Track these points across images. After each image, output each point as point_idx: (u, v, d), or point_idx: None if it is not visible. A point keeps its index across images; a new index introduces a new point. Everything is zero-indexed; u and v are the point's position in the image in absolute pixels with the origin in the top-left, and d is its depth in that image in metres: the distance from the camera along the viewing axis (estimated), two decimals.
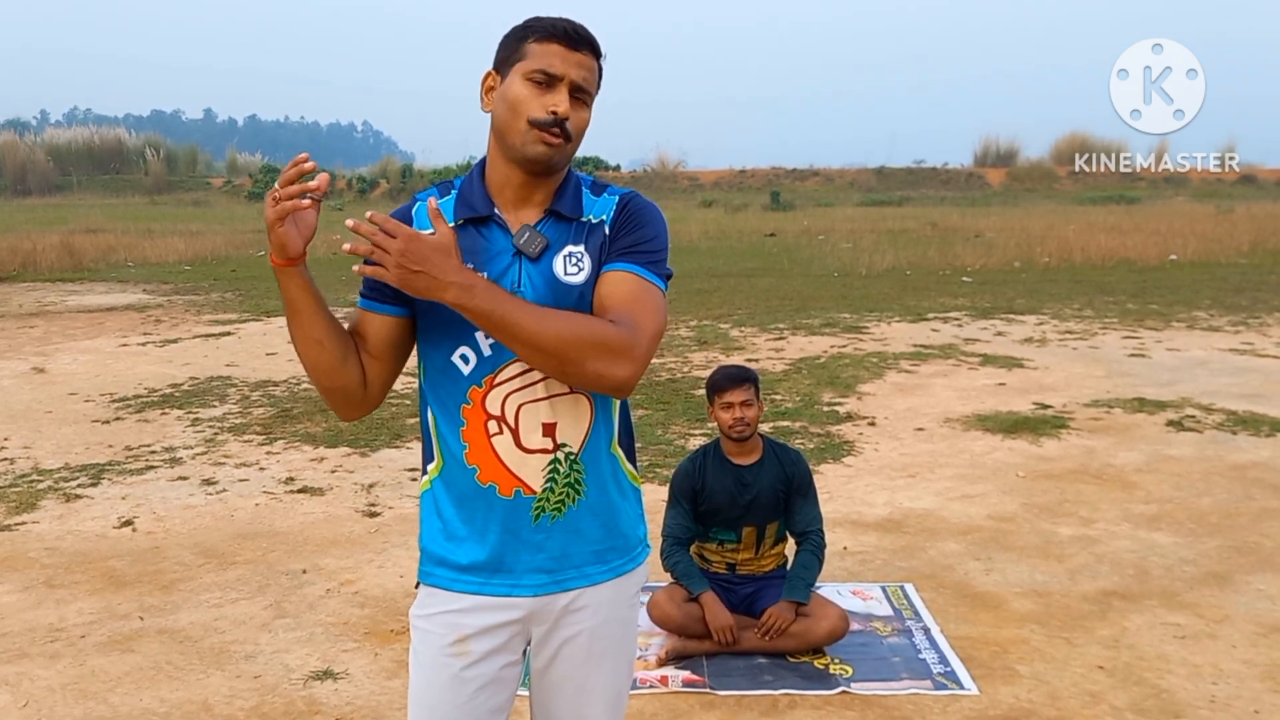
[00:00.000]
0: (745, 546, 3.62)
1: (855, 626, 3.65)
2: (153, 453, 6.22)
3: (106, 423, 7.00)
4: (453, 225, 1.70)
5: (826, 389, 7.68)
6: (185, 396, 7.77)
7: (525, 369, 1.69)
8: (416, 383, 1.83)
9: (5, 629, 3.80)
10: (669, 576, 3.61)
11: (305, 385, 8.15)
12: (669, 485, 3.67)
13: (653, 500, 4.39)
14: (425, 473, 1.80)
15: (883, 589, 4.07)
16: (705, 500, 3.56)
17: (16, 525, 4.94)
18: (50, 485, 5.57)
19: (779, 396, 7.40)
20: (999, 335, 10.24)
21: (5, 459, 6.15)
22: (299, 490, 5.43)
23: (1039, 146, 49.14)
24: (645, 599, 3.54)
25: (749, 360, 8.68)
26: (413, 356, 1.83)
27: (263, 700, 3.24)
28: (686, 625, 3.50)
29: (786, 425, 6.58)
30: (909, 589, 4.06)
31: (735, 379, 3.51)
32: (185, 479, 5.66)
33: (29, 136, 48.65)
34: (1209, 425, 6.51)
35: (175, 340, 10.50)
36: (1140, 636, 3.63)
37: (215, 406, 7.44)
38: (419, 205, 1.75)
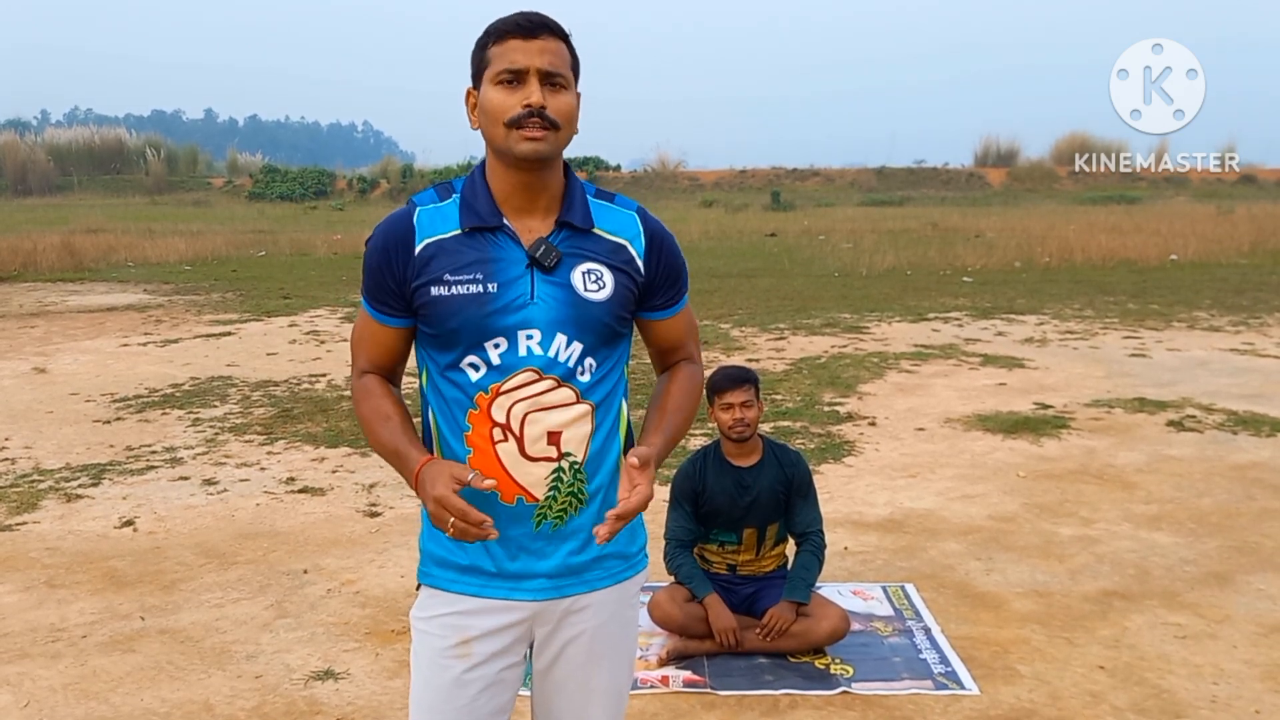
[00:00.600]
0: (746, 548, 3.62)
1: (856, 626, 3.65)
2: (153, 453, 6.22)
3: (107, 423, 7.01)
4: (458, 232, 1.70)
5: (827, 389, 7.68)
6: (186, 396, 7.78)
7: (533, 378, 1.69)
8: (416, 384, 1.83)
9: (6, 629, 3.80)
10: (669, 576, 3.62)
11: (306, 385, 8.15)
12: (670, 487, 3.66)
13: (653, 501, 4.40)
14: None
15: (883, 589, 4.07)
16: (706, 502, 3.56)
17: (17, 525, 4.94)
18: (51, 485, 5.57)
19: (779, 397, 7.40)
20: (1000, 335, 10.24)
21: (6, 459, 6.15)
22: (300, 490, 5.43)
23: (1039, 146, 49.12)
24: (646, 599, 3.54)
25: (749, 360, 8.68)
26: (411, 357, 1.83)
27: (264, 700, 3.24)
28: (688, 625, 3.50)
29: (787, 425, 6.58)
30: (910, 589, 4.06)
31: (735, 380, 3.50)
32: (186, 479, 5.66)
33: (29, 136, 48.62)
34: (1210, 425, 6.51)
35: (176, 340, 10.50)
36: (1141, 636, 3.63)
37: (216, 406, 7.44)
38: (419, 211, 1.73)
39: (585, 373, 1.72)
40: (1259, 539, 4.57)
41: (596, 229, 1.74)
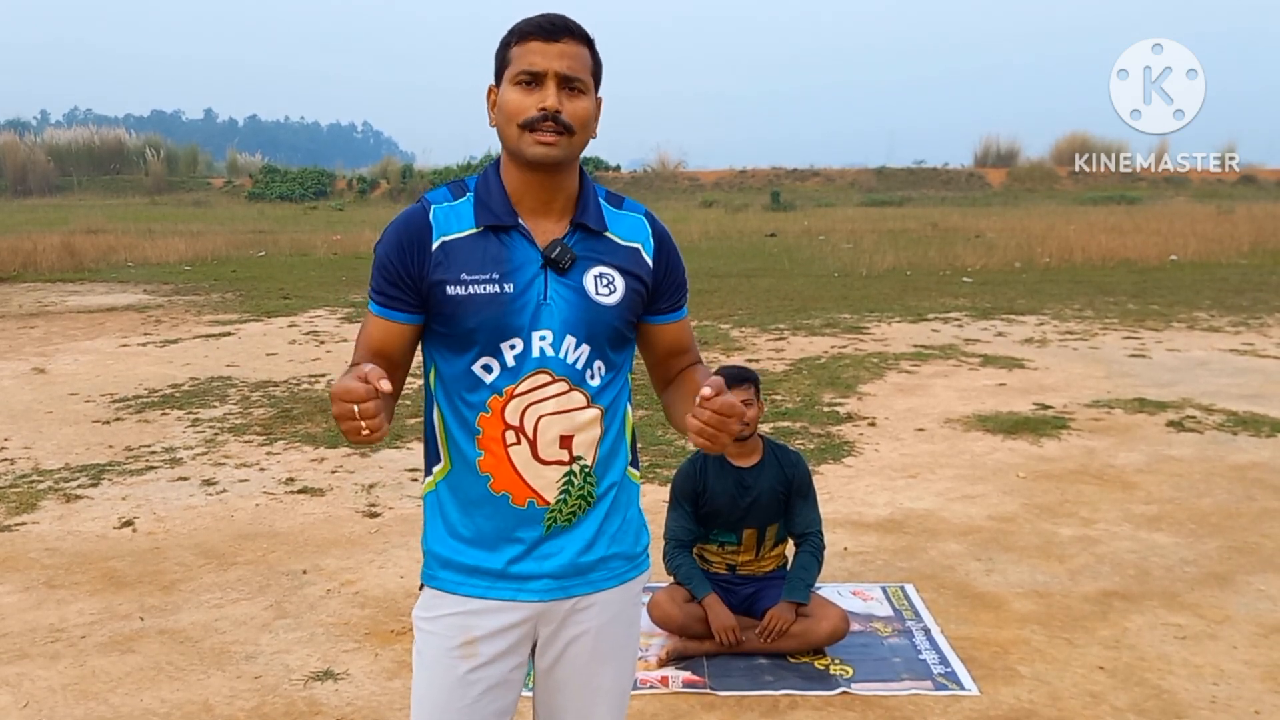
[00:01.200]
0: (746, 549, 3.62)
1: (856, 627, 3.65)
2: (153, 453, 6.22)
3: (107, 423, 7.00)
4: (474, 231, 1.70)
5: (827, 389, 7.68)
6: (185, 397, 7.77)
7: (547, 381, 1.68)
8: (417, 383, 1.83)
9: (6, 629, 3.80)
10: (669, 577, 3.61)
11: (305, 385, 8.15)
12: (670, 487, 3.66)
13: (653, 501, 4.40)
14: (430, 474, 1.79)
15: (883, 589, 4.07)
16: (706, 502, 3.56)
17: (17, 526, 4.94)
18: (50, 485, 5.57)
19: (779, 397, 7.40)
20: (999, 336, 10.24)
21: (5, 459, 6.15)
22: (299, 491, 5.43)
23: (1039, 146, 49.05)
24: (646, 599, 3.54)
25: (749, 361, 8.67)
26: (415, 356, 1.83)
27: (263, 701, 3.24)
28: (687, 626, 3.50)
29: (787, 426, 6.58)
30: (909, 589, 4.06)
31: (735, 379, 3.50)
32: (185, 479, 5.66)
33: (29, 137, 48.58)
34: (1209, 426, 6.51)
35: (175, 340, 10.50)
36: (1141, 637, 3.62)
37: (215, 407, 7.43)
38: (435, 209, 1.72)
39: (595, 376, 1.72)
40: (1259, 539, 4.57)
41: (609, 233, 1.75)
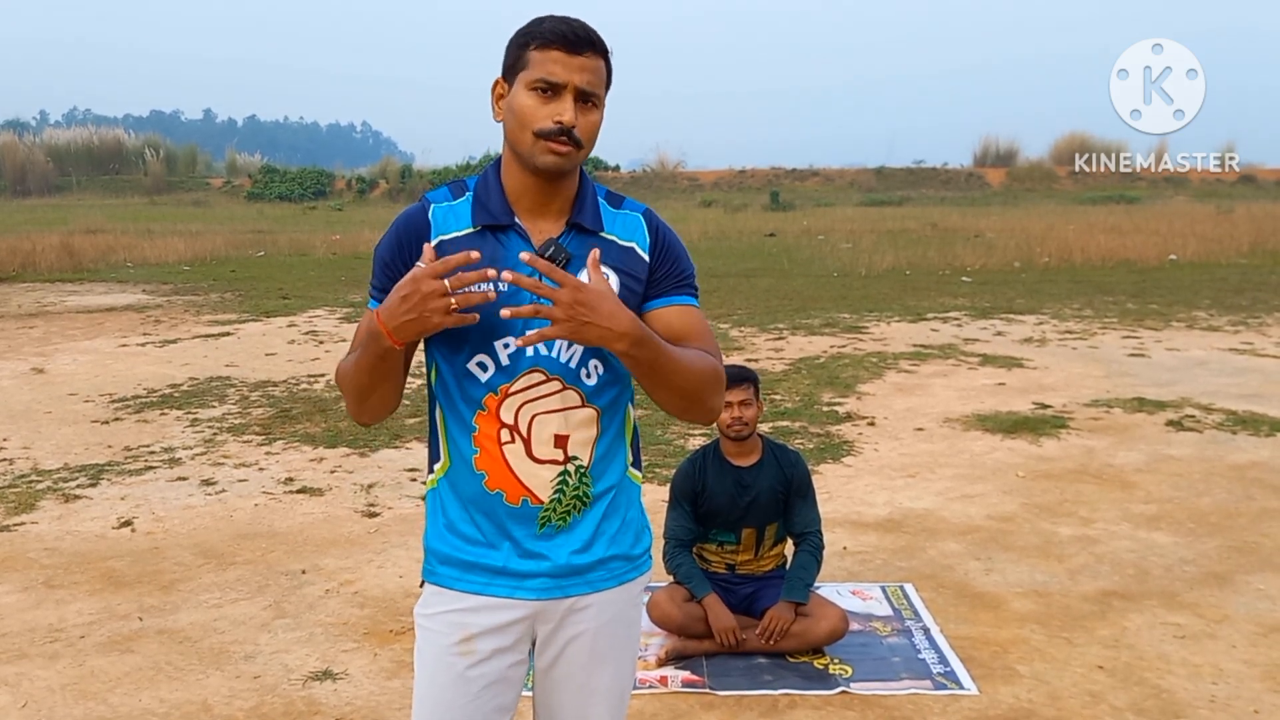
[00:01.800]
0: (745, 548, 3.62)
1: (855, 626, 3.65)
2: (152, 453, 6.22)
3: (106, 423, 7.00)
4: (471, 230, 1.70)
5: (826, 389, 7.68)
6: (184, 397, 7.77)
7: (541, 380, 1.69)
8: (418, 383, 1.83)
9: (4, 629, 3.80)
10: (669, 576, 3.61)
11: (304, 385, 8.15)
12: (669, 486, 3.66)
13: (653, 501, 4.40)
14: (431, 472, 1.80)
15: (882, 589, 4.07)
16: (705, 502, 3.56)
17: (16, 526, 4.94)
18: (49, 485, 5.57)
19: (779, 396, 7.40)
20: (999, 335, 10.24)
21: (4, 459, 6.14)
22: (298, 490, 5.42)
23: (1039, 146, 49.15)
24: (645, 599, 3.53)
25: (749, 360, 8.67)
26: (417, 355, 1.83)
27: (262, 700, 3.24)
28: (687, 625, 3.50)
29: (786, 425, 6.58)
30: (909, 589, 4.06)
31: (734, 379, 3.50)
32: (184, 479, 5.66)
33: (28, 137, 48.53)
34: (1209, 425, 6.51)
35: (175, 340, 10.49)
36: (1140, 636, 3.62)
37: (214, 407, 7.43)
38: (434, 208, 1.73)
39: (590, 376, 1.72)
40: (1258, 539, 4.57)
41: (606, 233, 1.75)
